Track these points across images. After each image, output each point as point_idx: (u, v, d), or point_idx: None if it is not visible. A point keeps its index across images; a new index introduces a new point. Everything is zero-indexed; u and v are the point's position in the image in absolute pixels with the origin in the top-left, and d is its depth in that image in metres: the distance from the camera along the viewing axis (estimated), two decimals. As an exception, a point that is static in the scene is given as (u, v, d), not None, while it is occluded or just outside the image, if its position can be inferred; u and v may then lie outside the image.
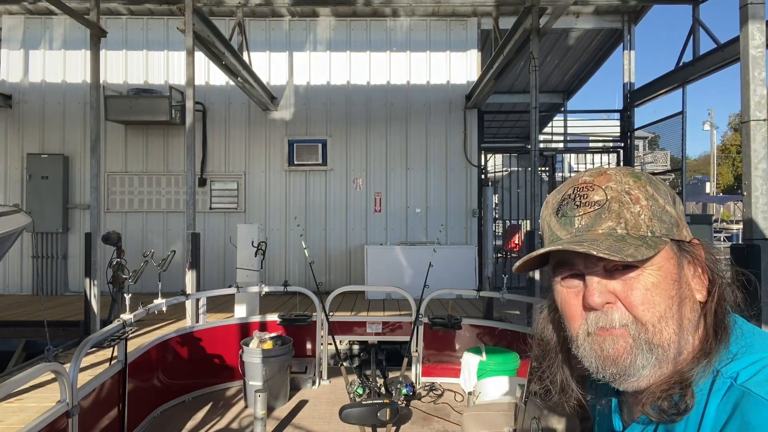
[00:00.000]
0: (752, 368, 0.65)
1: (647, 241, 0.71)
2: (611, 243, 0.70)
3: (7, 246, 6.24)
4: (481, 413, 3.27)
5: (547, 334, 0.89)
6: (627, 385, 0.72)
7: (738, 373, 0.66)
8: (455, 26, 10.11)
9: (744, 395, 0.63)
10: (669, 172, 14.93)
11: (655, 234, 0.72)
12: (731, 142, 38.55)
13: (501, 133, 16.18)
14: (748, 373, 0.65)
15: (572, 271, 0.76)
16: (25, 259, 9.69)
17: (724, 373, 0.67)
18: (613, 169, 0.79)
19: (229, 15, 9.57)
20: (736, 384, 0.65)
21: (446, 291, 5.27)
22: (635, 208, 0.73)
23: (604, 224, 0.73)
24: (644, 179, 0.76)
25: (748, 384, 0.63)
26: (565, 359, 0.85)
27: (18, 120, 9.83)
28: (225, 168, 10.02)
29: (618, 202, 0.74)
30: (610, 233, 0.72)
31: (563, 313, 0.79)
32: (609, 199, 0.74)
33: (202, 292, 5.80)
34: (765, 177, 3.85)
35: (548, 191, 7.05)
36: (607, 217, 0.74)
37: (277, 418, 4.27)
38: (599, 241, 0.71)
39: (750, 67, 3.89)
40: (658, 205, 0.74)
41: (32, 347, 7.31)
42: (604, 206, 0.74)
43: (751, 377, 0.64)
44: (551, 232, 0.79)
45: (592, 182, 0.77)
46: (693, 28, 8.67)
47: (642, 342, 0.71)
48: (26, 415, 3.89)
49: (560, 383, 0.85)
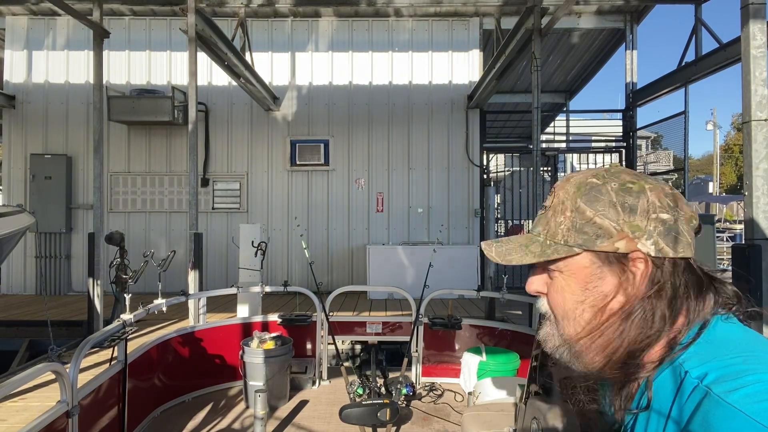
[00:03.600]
0: (719, 371, 0.65)
1: (557, 248, 0.79)
2: (518, 246, 0.82)
3: (10, 246, 6.27)
4: (481, 413, 3.27)
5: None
6: (571, 364, 0.81)
7: (707, 374, 0.66)
8: (457, 26, 10.11)
9: (707, 396, 0.63)
10: (672, 172, 14.90)
11: (569, 243, 0.78)
12: (734, 142, 38.37)
13: (503, 133, 16.16)
14: (714, 375, 0.65)
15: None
16: (28, 259, 9.73)
17: (691, 373, 0.68)
18: (577, 175, 0.83)
19: (232, 15, 9.59)
20: (702, 384, 0.65)
21: (446, 291, 5.27)
22: (560, 218, 0.80)
23: (537, 227, 0.84)
24: (583, 191, 0.79)
25: (714, 386, 0.64)
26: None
27: (21, 120, 9.88)
28: (227, 168, 10.05)
29: (553, 209, 0.82)
30: (531, 236, 0.83)
31: None
32: (551, 206, 0.83)
33: (202, 292, 5.82)
34: (766, 177, 3.84)
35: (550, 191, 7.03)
36: (542, 221, 0.83)
37: (278, 418, 4.28)
38: (510, 243, 0.83)
39: (751, 67, 3.89)
40: (583, 218, 0.78)
41: (36, 347, 7.34)
42: (546, 211, 0.83)
43: (717, 380, 0.64)
44: None
45: (555, 187, 0.84)
46: (695, 28, 8.64)
47: (556, 332, 0.83)
48: (29, 414, 3.91)
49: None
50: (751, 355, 0.66)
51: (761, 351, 0.68)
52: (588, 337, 0.78)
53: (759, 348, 0.68)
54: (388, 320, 5.54)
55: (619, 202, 0.76)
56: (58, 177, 9.62)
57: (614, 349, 0.77)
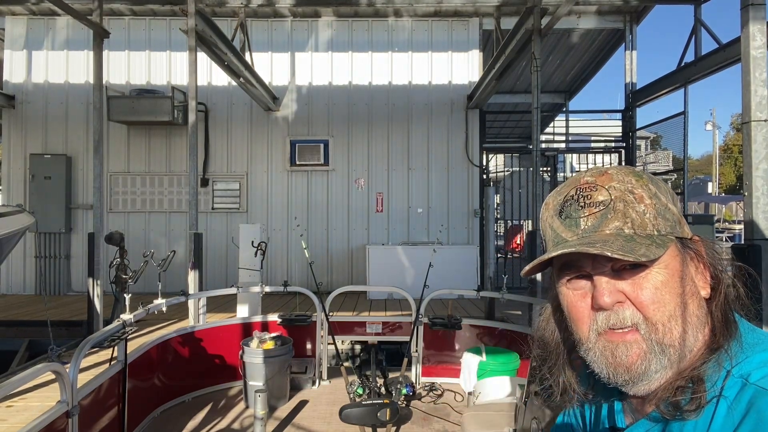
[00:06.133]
0: (765, 368, 0.65)
1: (655, 240, 0.71)
2: (622, 243, 0.69)
3: (10, 246, 6.27)
4: (481, 413, 3.28)
5: (548, 336, 0.88)
6: (638, 389, 0.72)
7: (750, 372, 0.66)
8: (457, 26, 10.11)
9: (758, 394, 0.63)
10: (671, 172, 14.90)
11: (661, 232, 0.72)
12: (733, 142, 38.40)
13: (503, 134, 16.17)
14: (761, 372, 0.65)
15: (579, 272, 0.75)
16: (28, 259, 9.73)
17: (735, 372, 0.67)
18: (614, 168, 0.78)
19: (232, 15, 9.58)
20: (750, 383, 0.65)
21: (446, 291, 5.27)
22: (640, 207, 0.73)
23: (611, 224, 0.73)
24: (646, 178, 0.76)
25: (763, 383, 0.64)
26: (567, 361, 0.84)
27: (21, 120, 9.88)
28: (227, 168, 10.05)
29: (623, 201, 0.73)
30: (618, 233, 0.72)
31: (570, 316, 0.78)
32: (613, 198, 0.74)
33: (202, 292, 5.82)
34: (766, 177, 3.85)
35: (550, 191, 7.04)
36: (613, 217, 0.73)
37: (278, 418, 4.28)
38: (609, 241, 0.70)
39: (751, 67, 3.89)
40: (661, 203, 0.74)
41: (36, 347, 7.34)
42: (609, 206, 0.74)
43: (765, 376, 0.64)
44: (555, 234, 0.78)
45: (595, 182, 0.76)
46: (695, 28, 8.65)
47: (654, 344, 0.70)
48: (30, 414, 3.90)
49: (562, 385, 0.85)
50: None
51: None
52: (692, 330, 0.72)
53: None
54: (388, 320, 5.54)
55: (669, 190, 0.77)
56: (58, 177, 9.62)
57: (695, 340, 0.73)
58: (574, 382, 0.84)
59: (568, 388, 0.84)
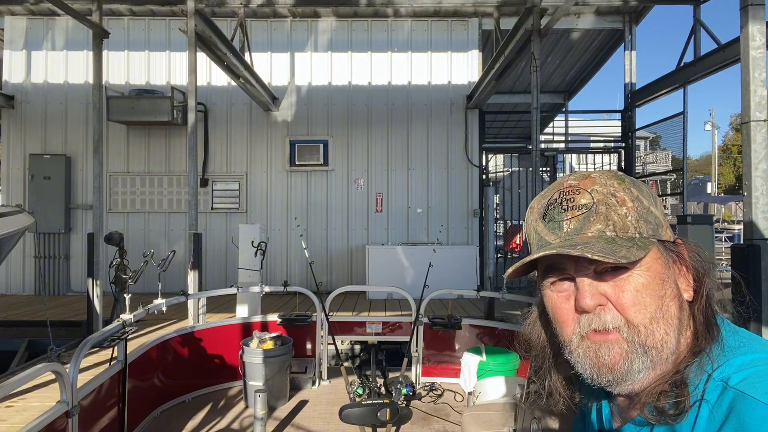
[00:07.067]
0: (744, 371, 0.65)
1: (637, 242, 0.71)
2: (603, 245, 0.70)
3: (9, 246, 6.26)
4: (481, 413, 3.28)
5: (533, 338, 0.88)
6: (622, 388, 0.73)
7: (730, 375, 0.66)
8: (456, 27, 10.12)
9: (738, 398, 0.63)
10: (670, 172, 14.90)
11: (643, 235, 0.73)
12: (732, 142, 38.44)
13: (502, 134, 16.18)
14: (740, 375, 0.65)
15: (562, 275, 0.76)
16: (27, 259, 9.72)
17: (715, 376, 0.67)
18: (597, 172, 0.79)
19: (231, 16, 9.59)
20: (729, 386, 0.65)
21: (446, 291, 5.27)
22: (622, 210, 0.74)
23: (593, 227, 0.73)
24: (628, 181, 0.77)
25: (741, 386, 0.64)
26: (553, 364, 0.85)
27: (20, 120, 9.87)
28: (226, 168, 10.05)
29: (605, 204, 0.74)
30: (600, 236, 0.72)
31: (554, 318, 0.79)
32: (596, 201, 0.75)
33: (201, 292, 5.82)
34: (765, 177, 3.85)
35: (549, 192, 7.04)
36: (595, 219, 0.74)
37: (277, 418, 4.28)
38: (591, 243, 0.71)
39: (750, 68, 3.90)
40: (643, 207, 0.75)
41: (35, 347, 7.33)
42: (591, 209, 0.74)
43: (744, 379, 0.64)
44: (539, 237, 0.79)
45: (578, 186, 0.77)
46: (694, 29, 8.66)
47: (636, 345, 0.71)
48: (29, 414, 3.90)
49: (547, 388, 0.85)
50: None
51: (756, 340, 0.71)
52: (674, 333, 0.72)
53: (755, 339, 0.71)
54: (388, 320, 5.54)
55: (652, 194, 0.77)
56: (57, 177, 9.62)
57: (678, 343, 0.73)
58: (560, 386, 0.85)
59: (554, 392, 0.85)
